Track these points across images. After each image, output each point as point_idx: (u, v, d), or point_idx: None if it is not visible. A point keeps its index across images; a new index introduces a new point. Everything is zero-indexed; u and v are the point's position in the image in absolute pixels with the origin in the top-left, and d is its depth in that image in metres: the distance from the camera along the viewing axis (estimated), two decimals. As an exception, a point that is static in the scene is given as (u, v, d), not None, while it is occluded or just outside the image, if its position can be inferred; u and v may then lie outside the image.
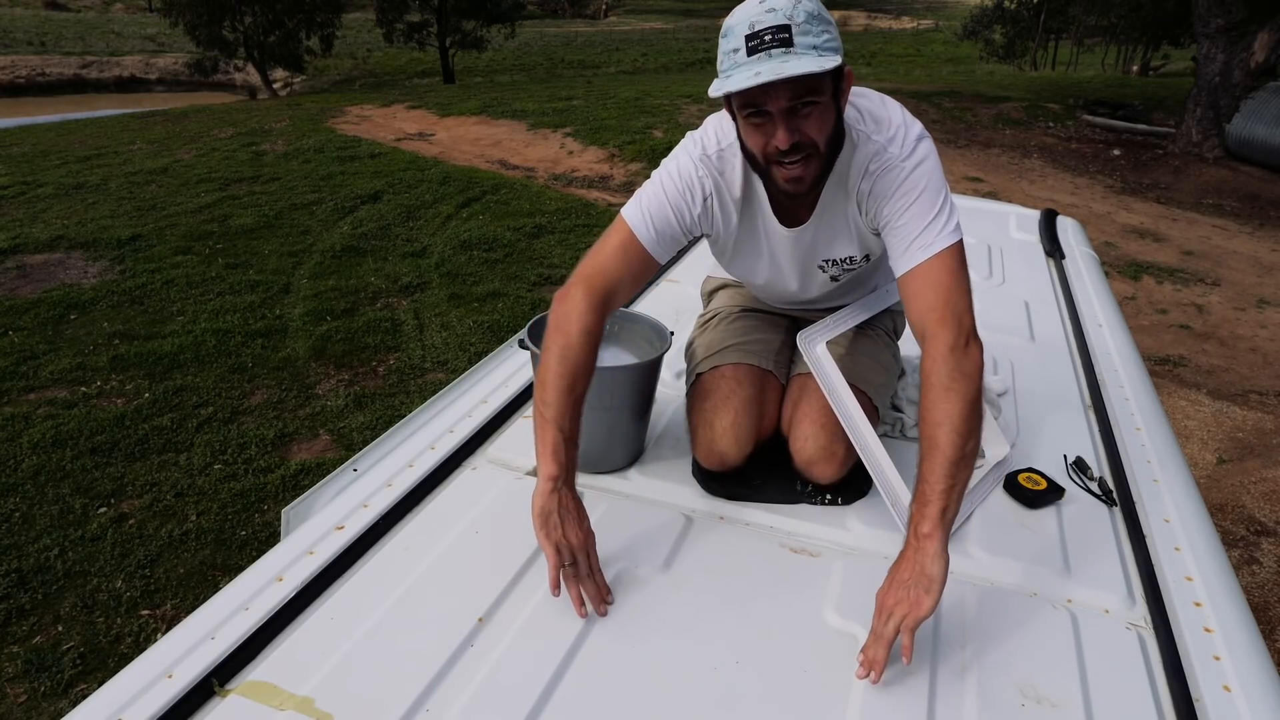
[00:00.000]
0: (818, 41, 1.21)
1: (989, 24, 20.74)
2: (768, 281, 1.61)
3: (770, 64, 1.20)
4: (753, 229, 1.50)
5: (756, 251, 1.54)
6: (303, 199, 7.26)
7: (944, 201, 1.34)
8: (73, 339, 4.61)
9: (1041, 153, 10.07)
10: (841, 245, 1.50)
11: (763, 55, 1.20)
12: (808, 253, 1.52)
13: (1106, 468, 1.64)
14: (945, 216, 1.33)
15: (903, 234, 1.34)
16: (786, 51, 1.20)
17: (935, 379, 1.25)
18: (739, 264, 1.61)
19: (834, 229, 1.47)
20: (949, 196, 1.36)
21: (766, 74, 1.18)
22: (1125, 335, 2.30)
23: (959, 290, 1.31)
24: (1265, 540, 3.43)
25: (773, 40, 1.20)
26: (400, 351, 4.63)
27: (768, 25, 1.20)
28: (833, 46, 1.23)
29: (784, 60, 1.19)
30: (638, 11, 40.11)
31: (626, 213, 1.43)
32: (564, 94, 12.48)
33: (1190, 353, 5.31)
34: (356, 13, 24.41)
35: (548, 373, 1.32)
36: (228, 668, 1.08)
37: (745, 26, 1.22)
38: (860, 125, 1.37)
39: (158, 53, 22.42)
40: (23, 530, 3.11)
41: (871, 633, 1.14)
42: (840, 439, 1.48)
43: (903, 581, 1.15)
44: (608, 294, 1.39)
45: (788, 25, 1.20)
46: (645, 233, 1.41)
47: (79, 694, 2.46)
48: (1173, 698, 1.12)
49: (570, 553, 1.22)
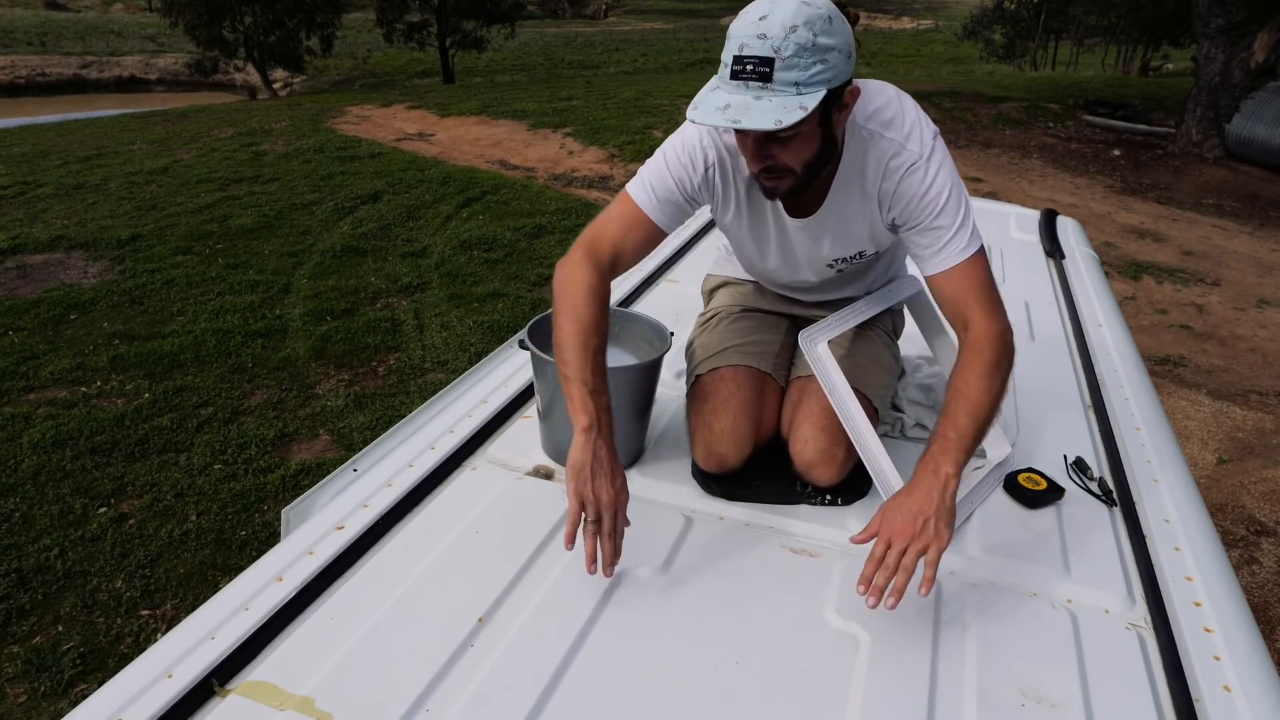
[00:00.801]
0: (803, 76, 1.16)
1: (989, 24, 20.74)
2: (774, 266, 1.62)
3: (742, 98, 1.17)
4: (761, 212, 1.50)
5: (764, 235, 1.55)
6: (303, 199, 7.27)
7: (968, 205, 1.39)
8: (73, 339, 4.61)
9: (1041, 153, 10.07)
10: (851, 241, 1.50)
11: (739, 85, 1.18)
12: (815, 244, 1.52)
13: (1106, 468, 1.64)
14: (971, 221, 1.38)
15: (934, 236, 1.38)
16: (763, 88, 1.17)
17: (973, 343, 1.33)
18: (747, 246, 1.61)
19: (844, 224, 1.47)
20: (968, 200, 1.40)
21: (728, 115, 1.17)
22: (1125, 335, 2.30)
23: (993, 285, 1.39)
24: (1265, 540, 3.43)
25: (753, 72, 1.16)
26: (400, 351, 4.63)
27: (753, 54, 1.16)
28: (822, 80, 1.18)
29: (757, 96, 1.17)
30: (638, 11, 40.12)
31: (630, 184, 1.46)
32: (564, 94, 12.49)
33: (1190, 353, 5.31)
34: (356, 13, 24.41)
35: (561, 335, 1.34)
36: (228, 668, 1.08)
37: (738, 44, 1.18)
38: (869, 124, 1.36)
39: (158, 53, 22.43)
40: (23, 530, 3.11)
41: (877, 560, 1.16)
42: (840, 441, 1.48)
43: (918, 513, 1.17)
44: (610, 255, 1.41)
45: (771, 59, 1.15)
46: (646, 200, 1.42)
47: (79, 694, 2.46)
48: (1173, 698, 1.12)
49: (596, 509, 1.23)
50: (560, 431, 1.58)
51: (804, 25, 1.15)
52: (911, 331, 1.91)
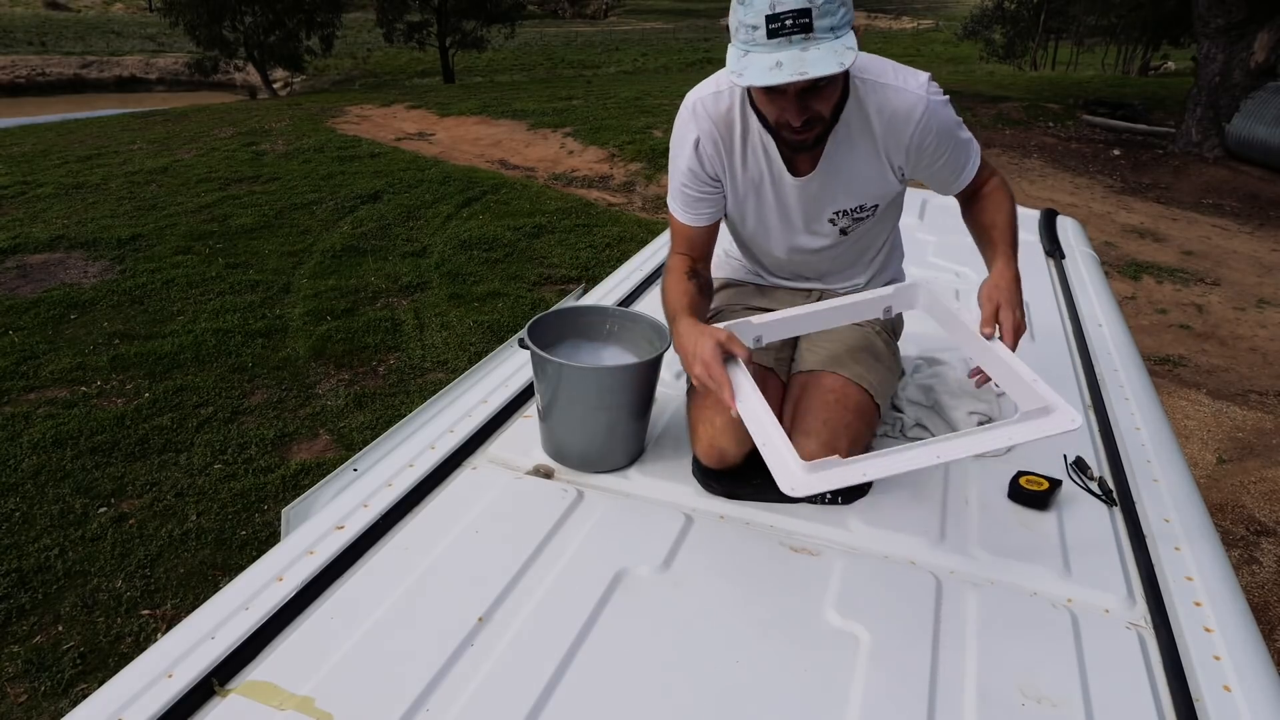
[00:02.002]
0: (836, 21, 1.22)
1: (989, 24, 20.73)
2: (775, 234, 1.65)
3: (790, 53, 1.21)
4: (759, 173, 1.53)
5: (764, 200, 1.57)
6: (303, 199, 7.26)
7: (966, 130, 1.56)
8: (73, 339, 4.61)
9: (1041, 152, 10.07)
10: (853, 194, 1.55)
11: (782, 41, 1.21)
12: (815, 202, 1.55)
13: (1106, 468, 1.64)
14: (972, 138, 1.58)
15: (958, 161, 1.55)
16: (806, 38, 1.21)
17: (992, 191, 1.60)
18: (750, 216, 1.63)
19: (845, 177, 1.51)
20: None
21: (787, 70, 1.21)
22: (1125, 335, 2.30)
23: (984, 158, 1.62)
24: (1265, 540, 3.43)
25: (793, 25, 1.20)
26: (400, 351, 4.63)
27: (789, 8, 1.20)
28: (849, 21, 1.24)
29: (804, 48, 1.21)
30: (638, 11, 40.10)
31: (669, 198, 1.62)
32: (564, 94, 12.48)
33: (1190, 353, 5.31)
34: (356, 13, 24.40)
35: (666, 307, 1.55)
36: (228, 667, 1.08)
37: (766, 4, 1.21)
38: (860, 74, 1.41)
39: (158, 53, 22.42)
40: (23, 530, 3.11)
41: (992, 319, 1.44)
42: (842, 436, 1.48)
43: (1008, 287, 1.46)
44: (698, 252, 1.62)
45: (808, 9, 1.20)
46: (685, 215, 1.59)
47: (79, 694, 2.46)
48: (1173, 698, 1.12)
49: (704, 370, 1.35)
50: (560, 431, 1.58)
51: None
52: (911, 331, 1.91)
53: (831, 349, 1.63)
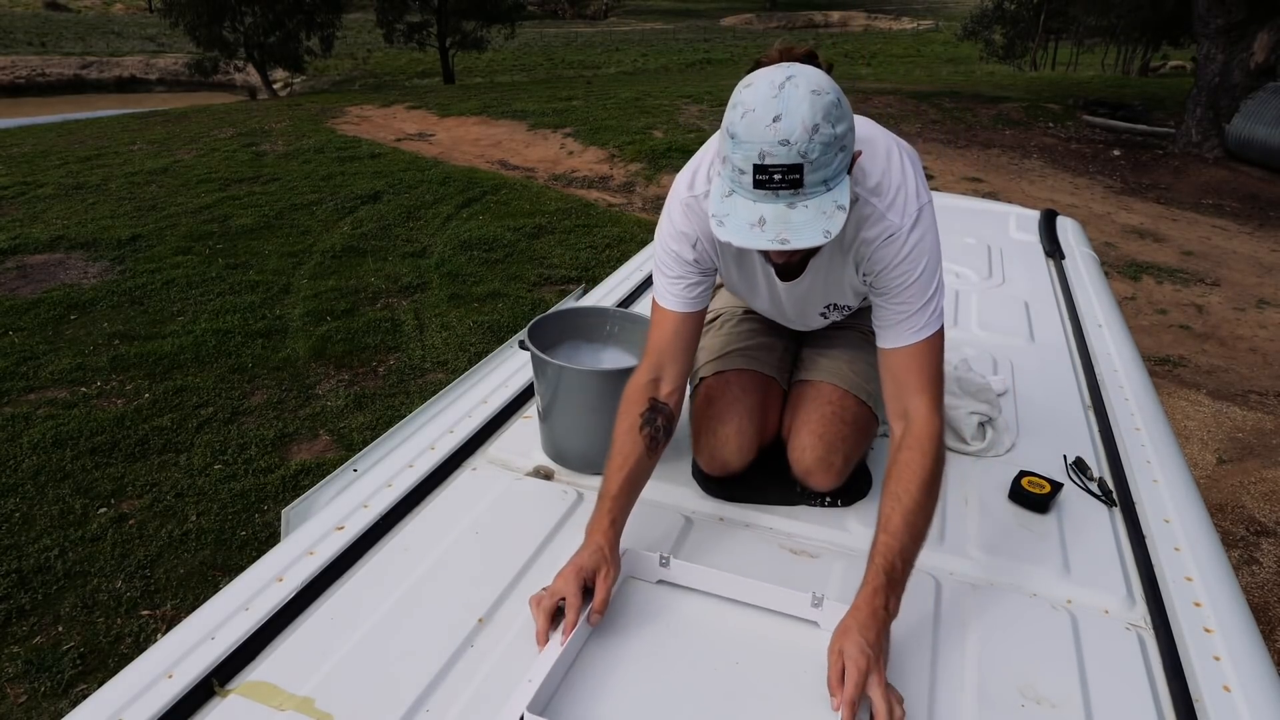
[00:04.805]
0: (830, 172, 1.11)
1: (989, 24, 20.72)
2: (776, 316, 1.64)
3: (775, 208, 1.11)
4: (751, 270, 1.50)
5: (756, 289, 1.55)
6: (303, 199, 7.26)
7: (939, 284, 1.34)
8: (73, 339, 4.61)
9: (1041, 153, 10.07)
10: (843, 295, 1.50)
11: (768, 194, 1.11)
12: (805, 301, 1.53)
13: (1106, 468, 1.64)
14: (938, 300, 1.34)
15: (897, 310, 1.34)
16: (795, 194, 1.11)
17: (916, 443, 1.28)
18: (740, 294, 1.63)
19: (829, 283, 1.46)
20: (942, 275, 1.36)
21: (769, 233, 1.12)
22: (1125, 336, 2.30)
23: (940, 370, 1.36)
24: (1265, 540, 3.43)
25: (782, 181, 1.10)
26: (400, 352, 4.63)
27: (779, 163, 1.09)
28: (844, 167, 1.13)
29: (791, 204, 1.11)
30: (638, 12, 40.09)
31: (654, 290, 1.44)
32: (564, 94, 12.48)
33: (1190, 353, 5.31)
34: (356, 13, 24.38)
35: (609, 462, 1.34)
36: (228, 668, 1.08)
37: (755, 151, 1.09)
38: (856, 186, 1.28)
39: (158, 53, 22.42)
40: (23, 530, 3.11)
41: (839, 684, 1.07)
42: (838, 449, 1.48)
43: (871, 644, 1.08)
44: (676, 366, 1.42)
45: (800, 165, 1.09)
46: (676, 301, 1.42)
47: (79, 694, 2.46)
48: (1173, 698, 1.12)
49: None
50: (560, 432, 1.58)
51: (824, 120, 1.08)
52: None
53: (831, 357, 1.63)
